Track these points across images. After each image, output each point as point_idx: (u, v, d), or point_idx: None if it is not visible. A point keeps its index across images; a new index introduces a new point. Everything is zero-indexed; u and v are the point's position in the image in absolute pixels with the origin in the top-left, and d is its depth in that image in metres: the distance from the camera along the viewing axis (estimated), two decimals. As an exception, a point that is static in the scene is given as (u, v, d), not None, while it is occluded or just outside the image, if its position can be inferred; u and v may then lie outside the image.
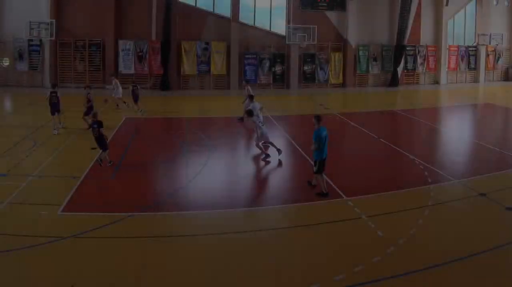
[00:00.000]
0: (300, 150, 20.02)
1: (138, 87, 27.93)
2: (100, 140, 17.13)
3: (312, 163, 14.96)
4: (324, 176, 14.71)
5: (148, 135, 22.58)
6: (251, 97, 22.34)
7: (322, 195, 14.54)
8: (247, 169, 18.24)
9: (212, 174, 17.08)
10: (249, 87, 26.75)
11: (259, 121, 18.98)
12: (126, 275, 9.74)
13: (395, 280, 9.60)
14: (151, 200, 14.27)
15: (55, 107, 22.62)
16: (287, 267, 10.24)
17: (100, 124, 17.05)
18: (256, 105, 21.00)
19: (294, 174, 15.81)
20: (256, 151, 19.43)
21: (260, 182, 16.21)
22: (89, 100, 23.03)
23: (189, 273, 9.94)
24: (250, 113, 19.04)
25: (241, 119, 25.71)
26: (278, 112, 29.35)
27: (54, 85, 24.11)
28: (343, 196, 14.48)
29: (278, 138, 22.88)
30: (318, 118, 14.77)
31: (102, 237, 11.57)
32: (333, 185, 15.37)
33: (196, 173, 16.97)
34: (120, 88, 29.38)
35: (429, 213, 13.19)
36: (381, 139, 22.25)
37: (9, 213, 12.80)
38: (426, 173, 16.97)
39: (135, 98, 27.72)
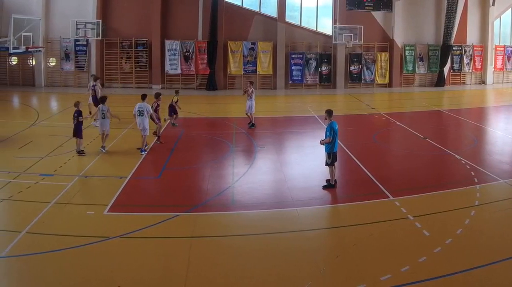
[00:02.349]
0: (346, 149, 20.10)
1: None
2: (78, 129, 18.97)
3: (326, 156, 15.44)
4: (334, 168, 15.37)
5: (194, 135, 22.86)
6: (143, 96, 20.26)
7: (330, 186, 15.26)
8: (292, 169, 18.29)
9: (258, 174, 17.26)
10: (252, 88, 24.88)
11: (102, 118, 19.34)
12: (172, 275, 9.91)
13: (442, 280, 9.70)
14: (197, 200, 14.55)
15: (93, 100, 24.41)
16: (333, 267, 10.41)
17: (80, 113, 19.04)
18: (143, 105, 19.78)
19: (339, 174, 15.87)
20: (299, 150, 19.69)
21: (306, 182, 16.20)
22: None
23: (235, 272, 10.11)
24: (102, 100, 19.66)
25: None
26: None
27: (94, 79, 25.64)
28: (390, 196, 14.66)
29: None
30: (329, 112, 15.28)
31: (148, 237, 11.82)
32: (380, 185, 15.63)
33: (243, 172, 17.23)
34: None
35: (476, 213, 13.25)
36: (427, 139, 22.18)
37: (56, 213, 13.03)
38: (472, 173, 16.98)
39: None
